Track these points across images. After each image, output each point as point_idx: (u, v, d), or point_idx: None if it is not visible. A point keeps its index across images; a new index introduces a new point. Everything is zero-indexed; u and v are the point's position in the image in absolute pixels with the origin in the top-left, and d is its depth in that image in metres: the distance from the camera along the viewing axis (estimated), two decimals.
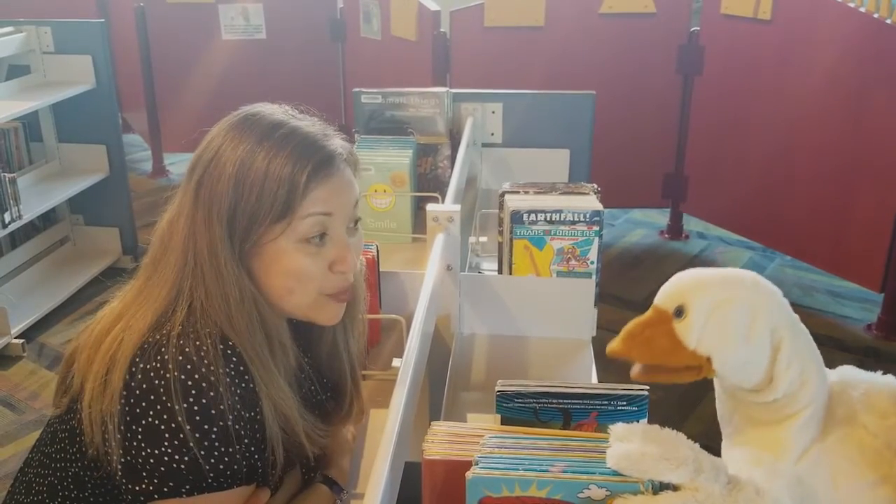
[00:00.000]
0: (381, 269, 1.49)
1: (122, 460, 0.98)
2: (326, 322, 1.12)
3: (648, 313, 1.00)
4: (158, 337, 0.99)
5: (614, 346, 0.98)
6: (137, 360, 0.98)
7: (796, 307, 1.02)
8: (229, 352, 0.99)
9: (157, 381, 0.96)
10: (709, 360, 0.97)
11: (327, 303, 1.09)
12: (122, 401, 0.97)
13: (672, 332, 0.97)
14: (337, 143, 1.08)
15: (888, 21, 2.99)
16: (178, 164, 5.01)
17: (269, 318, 1.05)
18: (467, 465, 0.88)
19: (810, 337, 1.02)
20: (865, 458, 1.00)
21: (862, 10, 3.07)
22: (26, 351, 3.07)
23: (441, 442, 0.95)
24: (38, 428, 1.83)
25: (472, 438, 0.94)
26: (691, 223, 4.14)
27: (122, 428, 0.98)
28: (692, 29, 3.71)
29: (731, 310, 0.97)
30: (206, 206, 1.03)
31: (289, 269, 1.04)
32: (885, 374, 1.07)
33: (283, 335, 1.09)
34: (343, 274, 1.08)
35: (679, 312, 0.97)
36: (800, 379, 0.99)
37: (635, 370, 1.00)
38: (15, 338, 3.05)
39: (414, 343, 1.13)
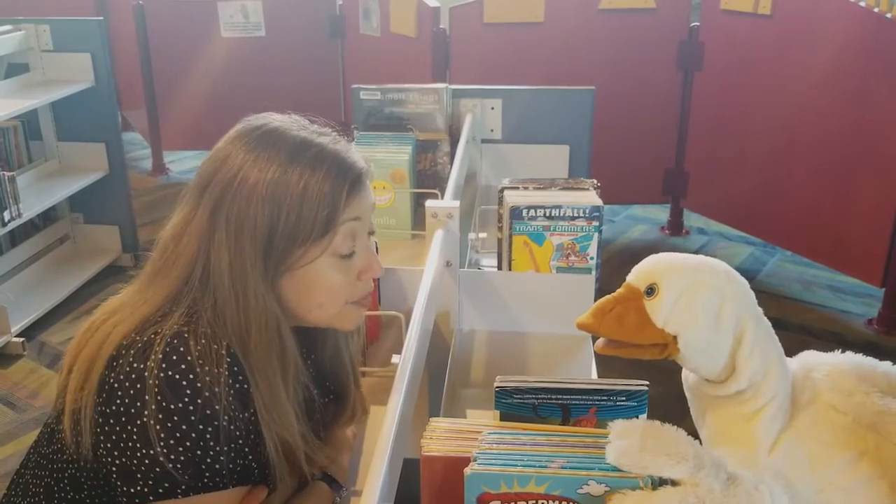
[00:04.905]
0: None
1: (117, 462, 0.97)
2: (349, 328, 1.16)
3: (620, 290, 1.03)
4: (148, 337, 0.97)
5: (584, 319, 1.02)
6: (126, 355, 0.97)
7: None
8: (223, 352, 0.98)
9: (150, 382, 0.95)
10: (675, 338, 1.00)
11: (352, 310, 1.12)
12: (117, 399, 0.96)
13: (642, 309, 1.01)
14: (359, 157, 1.11)
15: (888, 16, 2.98)
16: (178, 162, 5.00)
17: (288, 342, 1.05)
18: (466, 461, 0.88)
19: (772, 330, 1.05)
20: (838, 437, 1.01)
21: (862, 4, 3.06)
22: (26, 349, 3.07)
23: (440, 438, 0.95)
24: (39, 427, 1.83)
25: (471, 435, 0.94)
26: (692, 219, 4.14)
27: (117, 429, 0.97)
28: (692, 24, 3.70)
29: (701, 292, 1.00)
30: (232, 228, 1.01)
31: (322, 287, 1.06)
32: (843, 352, 1.10)
33: (298, 357, 1.08)
34: (369, 281, 1.12)
35: (650, 291, 1.01)
36: (763, 369, 1.01)
37: (600, 343, 1.03)
38: (15, 336, 3.05)
39: (413, 339, 1.12)
